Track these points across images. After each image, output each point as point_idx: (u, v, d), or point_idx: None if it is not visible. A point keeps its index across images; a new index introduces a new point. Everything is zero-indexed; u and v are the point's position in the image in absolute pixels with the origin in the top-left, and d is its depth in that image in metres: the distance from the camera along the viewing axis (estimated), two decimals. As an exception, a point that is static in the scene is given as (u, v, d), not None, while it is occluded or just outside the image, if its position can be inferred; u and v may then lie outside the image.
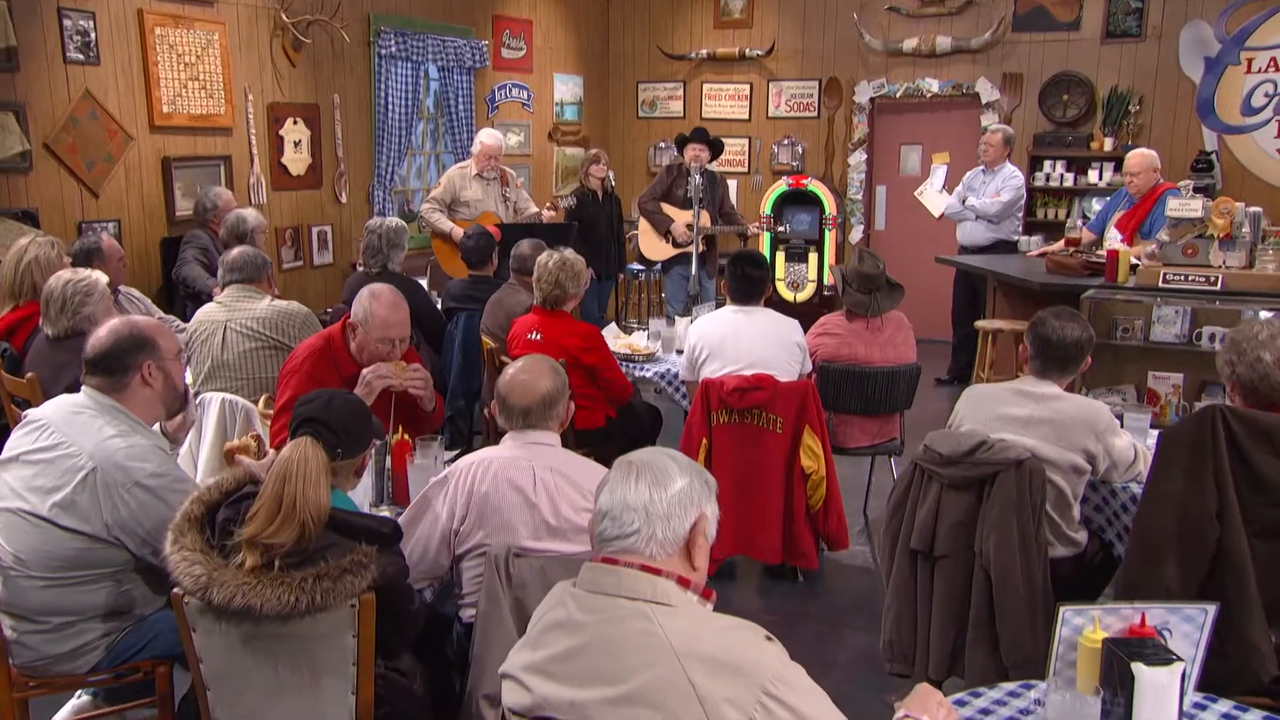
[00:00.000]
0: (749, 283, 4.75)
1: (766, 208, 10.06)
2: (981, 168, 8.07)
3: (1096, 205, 9.26)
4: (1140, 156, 6.93)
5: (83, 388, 2.91)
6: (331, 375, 3.68)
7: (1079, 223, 7.09)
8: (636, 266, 9.15)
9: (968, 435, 3.37)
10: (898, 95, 10.06)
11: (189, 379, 4.63)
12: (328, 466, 2.50)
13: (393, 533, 2.51)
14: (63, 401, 2.91)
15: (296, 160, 7.63)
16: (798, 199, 10.05)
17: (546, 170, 10.26)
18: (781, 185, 10.13)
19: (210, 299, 6.10)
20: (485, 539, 2.81)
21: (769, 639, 1.80)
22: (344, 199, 8.05)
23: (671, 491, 1.88)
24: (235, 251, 4.53)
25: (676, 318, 5.72)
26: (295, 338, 4.39)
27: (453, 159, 9.22)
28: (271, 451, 3.23)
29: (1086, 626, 2.08)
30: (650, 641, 1.77)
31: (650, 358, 5.43)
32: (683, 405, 5.29)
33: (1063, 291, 6.23)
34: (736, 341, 4.68)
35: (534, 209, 7.93)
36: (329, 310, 6.22)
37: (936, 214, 10.20)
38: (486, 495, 2.83)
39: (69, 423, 2.83)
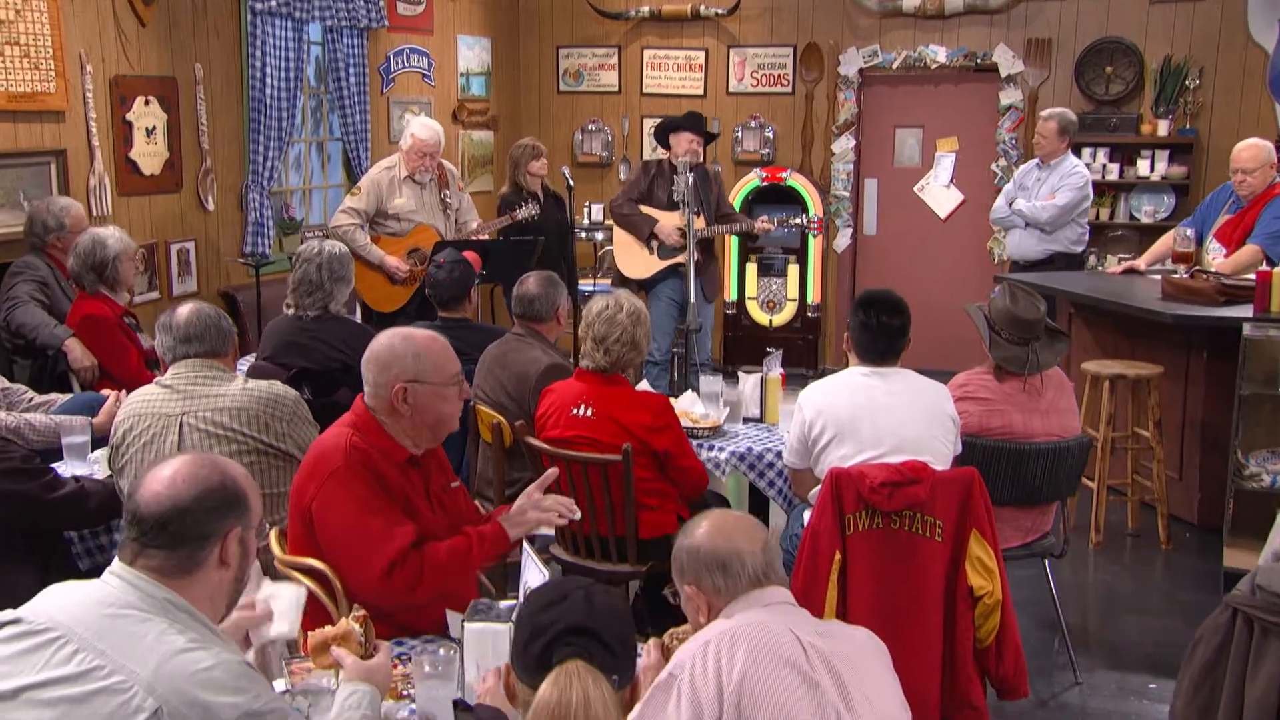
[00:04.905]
0: (887, 335, 4.22)
1: (734, 207, 9.61)
2: (1036, 161, 7.78)
3: (1147, 204, 9.16)
4: (1255, 149, 6.70)
5: (118, 569, 2.21)
6: (377, 484, 3.16)
7: (1188, 232, 6.82)
8: (589, 286, 8.58)
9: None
10: (894, 66, 9.76)
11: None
12: (618, 706, 2.03)
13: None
14: (81, 597, 2.18)
15: (149, 154, 6.81)
16: (772, 196, 9.65)
17: (451, 160, 9.56)
18: (753, 179, 9.74)
19: (60, 355, 5.37)
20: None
21: None
22: (211, 205, 7.27)
23: None
24: (186, 311, 3.78)
25: (741, 374, 5.17)
26: (285, 435, 3.71)
27: (340, 148, 8.52)
28: (385, 645, 2.57)
29: None
30: None
31: (716, 431, 4.87)
32: (773, 497, 4.76)
33: (1198, 325, 5.93)
34: (873, 417, 4.15)
35: (478, 221, 7.33)
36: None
37: (943, 214, 10.03)
38: (746, 678, 2.34)
39: (103, 633, 2.10)
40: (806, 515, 4.39)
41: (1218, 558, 5.64)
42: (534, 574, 2.95)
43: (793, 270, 9.82)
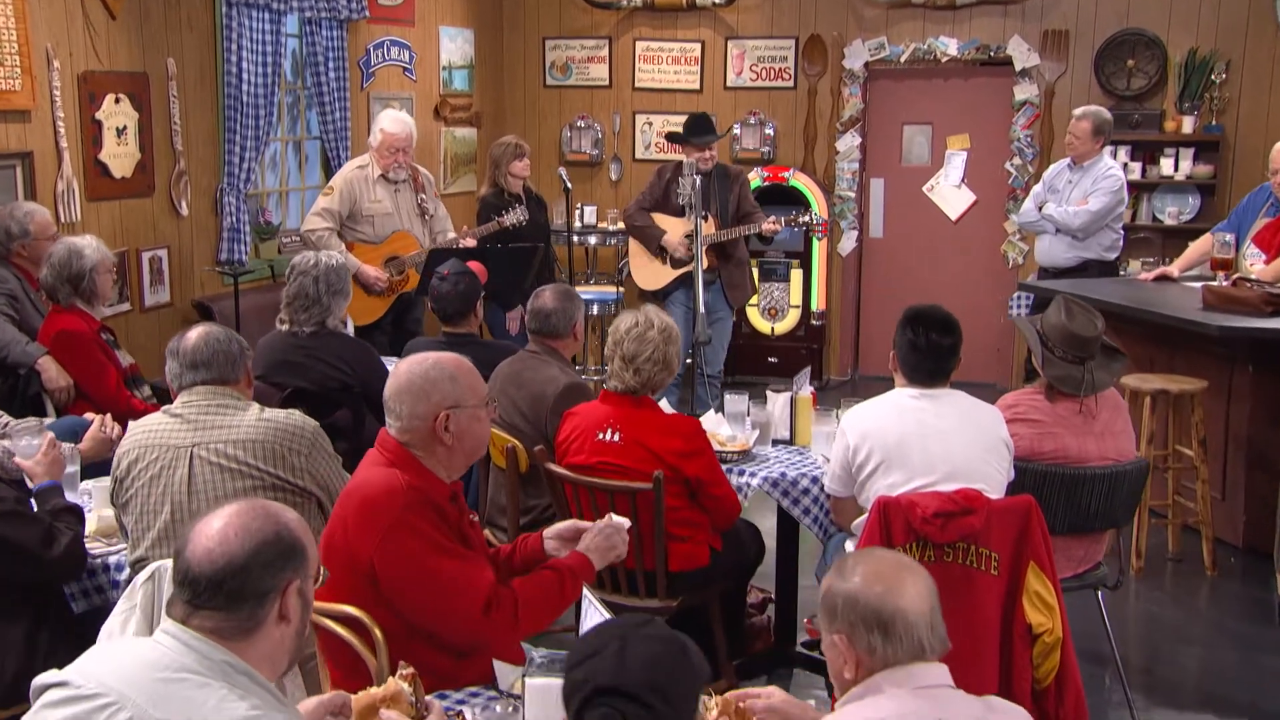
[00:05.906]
0: (936, 355, 4.15)
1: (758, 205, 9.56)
2: (1067, 162, 7.72)
3: (1171, 205, 9.15)
4: (1294, 149, 6.69)
5: (170, 628, 2.12)
6: (443, 522, 3.11)
7: (1227, 238, 6.78)
8: (584, 294, 8.48)
9: None
10: (902, 59, 9.73)
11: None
12: None
13: None
14: (132, 659, 2.10)
15: (120, 156, 6.69)
16: (774, 197, 9.57)
17: (433, 160, 9.49)
18: (754, 179, 9.64)
19: (33, 374, 5.24)
20: None
21: None
22: (185, 210, 7.16)
23: None
24: (195, 336, 3.67)
25: (769, 393, 5.10)
26: (302, 470, 3.61)
27: (318, 146, 8.42)
28: (437, 705, 2.52)
29: None
30: None
31: (745, 455, 4.79)
32: (808, 525, 4.68)
33: (1245, 337, 5.89)
34: (924, 442, 4.08)
35: (454, 232, 7.26)
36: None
37: (954, 216, 10.00)
38: None
39: (158, 699, 2.02)
40: (849, 545, 4.33)
41: (1265, 584, 5.62)
42: (596, 619, 2.86)
43: (795, 275, 9.76)
